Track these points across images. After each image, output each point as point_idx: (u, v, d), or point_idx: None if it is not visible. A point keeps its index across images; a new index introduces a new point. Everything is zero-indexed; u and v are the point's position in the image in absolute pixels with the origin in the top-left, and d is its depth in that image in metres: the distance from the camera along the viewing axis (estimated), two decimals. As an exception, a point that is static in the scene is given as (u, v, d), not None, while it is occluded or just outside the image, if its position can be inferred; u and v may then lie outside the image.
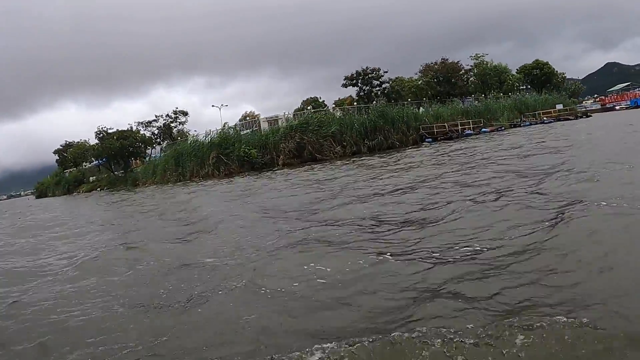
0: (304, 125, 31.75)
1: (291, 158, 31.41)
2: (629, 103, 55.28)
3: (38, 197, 77.00)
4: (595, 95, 68.44)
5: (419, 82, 44.61)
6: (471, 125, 38.71)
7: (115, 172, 56.29)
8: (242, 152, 31.58)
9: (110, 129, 53.54)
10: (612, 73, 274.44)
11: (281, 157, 31.60)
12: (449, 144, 29.99)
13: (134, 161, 52.82)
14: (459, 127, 37.69)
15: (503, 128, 40.67)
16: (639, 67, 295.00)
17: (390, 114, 34.25)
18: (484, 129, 38.64)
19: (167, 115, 49.23)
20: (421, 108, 40.72)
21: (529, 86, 60.13)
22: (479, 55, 56.91)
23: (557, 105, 46.00)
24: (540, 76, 59.43)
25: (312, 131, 31.37)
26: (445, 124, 38.31)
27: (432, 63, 45.94)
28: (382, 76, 43.38)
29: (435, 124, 37.75)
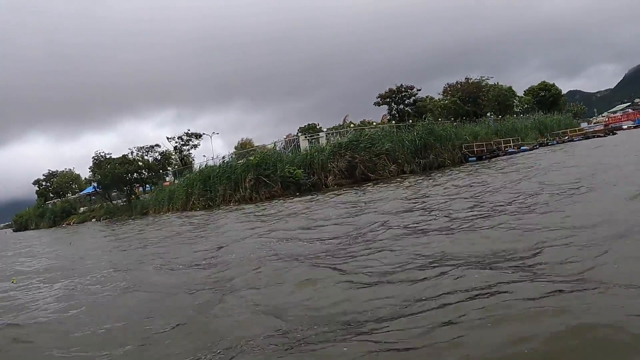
0: (354, 142, 29.41)
1: (341, 178, 28.92)
2: (635, 122, 55.87)
3: (16, 230, 71.15)
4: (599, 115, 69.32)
5: (446, 102, 43.32)
6: (511, 144, 37.54)
7: (114, 202, 52.18)
8: (287, 173, 28.82)
9: (108, 154, 49.93)
10: (574, 100, 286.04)
11: (330, 177, 29.05)
12: (496, 162, 28.33)
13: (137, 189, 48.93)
14: (502, 145, 36.47)
15: (538, 146, 39.78)
16: (599, 94, 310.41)
17: (437, 132, 32.47)
18: (523, 147, 37.52)
19: (179, 137, 45.78)
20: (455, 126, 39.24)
21: (537, 107, 59.98)
22: (483, 78, 56.76)
23: (582, 124, 45.63)
24: (548, 97, 59.62)
25: (364, 149, 29.05)
26: (483, 142, 37.07)
27: (455, 83, 44.96)
28: (416, 94, 42.03)
29: (474, 143, 36.34)
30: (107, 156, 49.59)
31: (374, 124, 37.28)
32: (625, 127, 55.34)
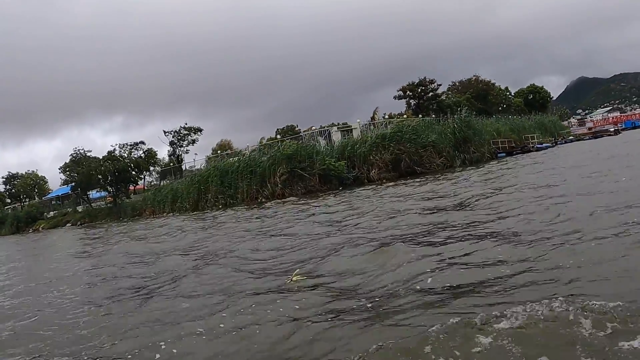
0: (399, 133, 27.31)
1: (386, 172, 26.70)
2: (623, 125, 57.49)
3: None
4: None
5: (461, 99, 42.26)
6: (536, 141, 37.14)
7: (93, 204, 47.41)
8: (329, 165, 26.17)
9: (88, 151, 45.27)
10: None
11: (374, 170, 26.76)
12: (531, 157, 27.12)
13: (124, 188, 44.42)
14: (530, 142, 35.98)
15: (555, 144, 39.76)
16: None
17: (474, 126, 31.08)
18: (545, 144, 37.30)
19: (176, 131, 41.84)
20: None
21: (527, 109, 60.61)
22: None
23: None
24: (538, 100, 60.42)
25: (409, 140, 26.99)
26: (505, 139, 36.38)
27: (464, 80, 44.12)
28: (437, 89, 40.57)
29: (499, 139, 35.46)
30: (87, 154, 44.99)
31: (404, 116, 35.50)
32: (613, 129, 57.01)
